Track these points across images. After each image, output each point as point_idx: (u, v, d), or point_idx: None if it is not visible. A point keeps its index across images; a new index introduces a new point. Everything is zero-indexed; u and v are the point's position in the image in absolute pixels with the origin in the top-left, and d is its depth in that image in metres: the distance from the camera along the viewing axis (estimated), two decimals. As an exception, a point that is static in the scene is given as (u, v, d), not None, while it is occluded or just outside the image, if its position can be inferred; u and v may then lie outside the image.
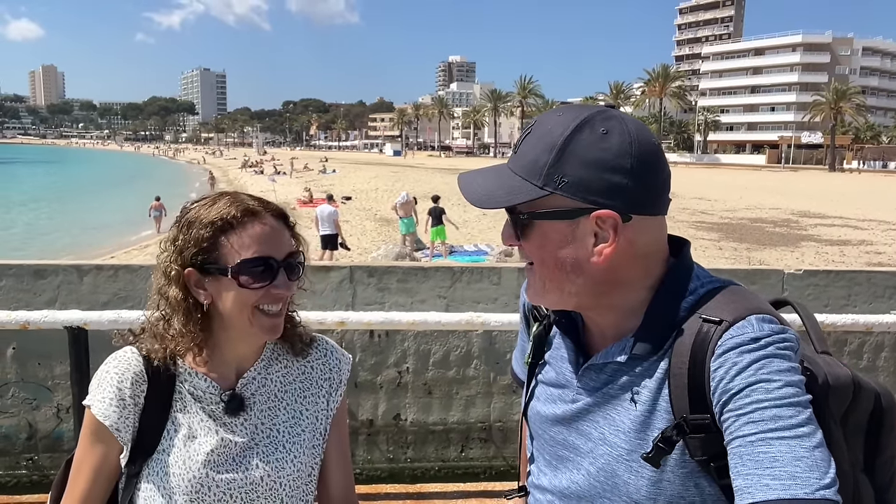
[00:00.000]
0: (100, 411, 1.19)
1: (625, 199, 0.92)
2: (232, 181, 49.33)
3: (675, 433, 0.91)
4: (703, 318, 0.93)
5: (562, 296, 1.00)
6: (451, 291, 4.45)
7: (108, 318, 1.83)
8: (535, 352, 1.16)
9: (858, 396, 0.96)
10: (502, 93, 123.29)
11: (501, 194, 0.96)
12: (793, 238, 19.96)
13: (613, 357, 1.00)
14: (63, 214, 30.53)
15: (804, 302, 5.26)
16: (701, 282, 1.00)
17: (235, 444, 1.23)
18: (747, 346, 0.88)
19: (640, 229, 0.95)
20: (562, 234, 0.95)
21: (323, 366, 1.37)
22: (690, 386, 0.91)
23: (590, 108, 0.96)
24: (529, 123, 1.01)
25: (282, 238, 1.21)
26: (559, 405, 1.08)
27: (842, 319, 2.23)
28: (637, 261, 0.97)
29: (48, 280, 4.03)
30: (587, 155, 0.92)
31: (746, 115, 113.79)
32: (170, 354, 1.21)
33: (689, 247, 1.05)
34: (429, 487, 2.29)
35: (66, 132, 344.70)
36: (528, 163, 0.95)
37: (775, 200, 33.01)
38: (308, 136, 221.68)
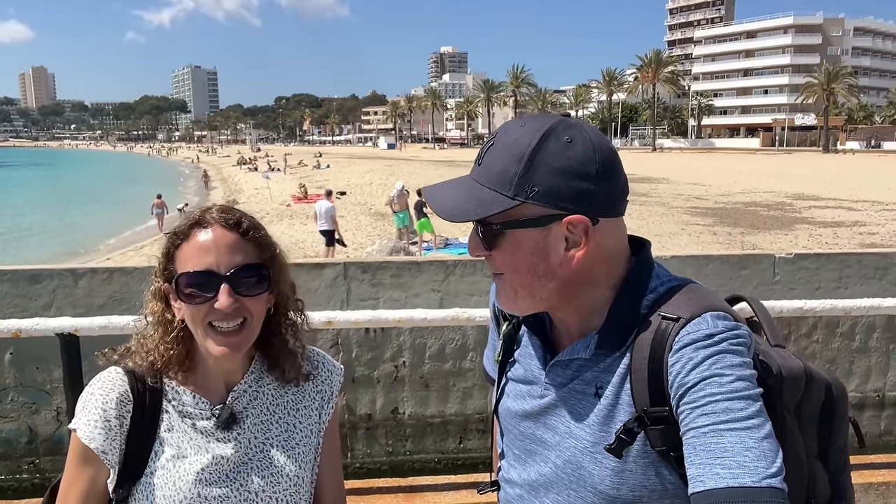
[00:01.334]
0: (85, 434, 1.15)
1: (592, 203, 0.96)
2: (226, 179, 49.21)
3: (637, 425, 0.95)
4: (662, 316, 0.97)
5: (534, 301, 1.03)
6: (444, 285, 4.48)
7: (99, 324, 1.85)
8: (504, 350, 1.19)
9: (810, 387, 1.01)
10: (495, 83, 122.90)
11: (471, 207, 0.98)
12: (787, 221, 20.02)
13: (578, 353, 1.04)
14: (58, 217, 30.43)
15: (796, 285, 5.28)
16: (661, 280, 1.04)
17: (228, 460, 1.20)
18: (702, 342, 0.92)
19: (606, 231, 0.99)
20: (534, 242, 0.98)
21: (315, 379, 1.33)
22: (650, 380, 0.95)
23: (550, 117, 1.00)
24: (491, 135, 1.03)
25: (231, 250, 1.14)
26: (528, 401, 1.12)
27: (821, 305, 2.27)
28: (603, 262, 1.01)
29: (43, 285, 4.05)
30: (555, 163, 0.95)
31: (740, 98, 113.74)
32: (152, 368, 1.19)
33: (650, 246, 1.09)
34: (421, 480, 2.32)
35: (59, 134, 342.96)
36: (495, 174, 0.97)
37: (769, 184, 33.07)
38: (301, 131, 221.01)
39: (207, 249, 1.14)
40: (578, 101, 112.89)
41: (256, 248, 1.18)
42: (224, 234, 1.15)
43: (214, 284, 1.13)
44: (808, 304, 2.20)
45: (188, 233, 1.16)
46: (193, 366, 1.21)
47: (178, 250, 1.16)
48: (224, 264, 1.14)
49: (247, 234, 1.17)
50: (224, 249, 1.14)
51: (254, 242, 1.18)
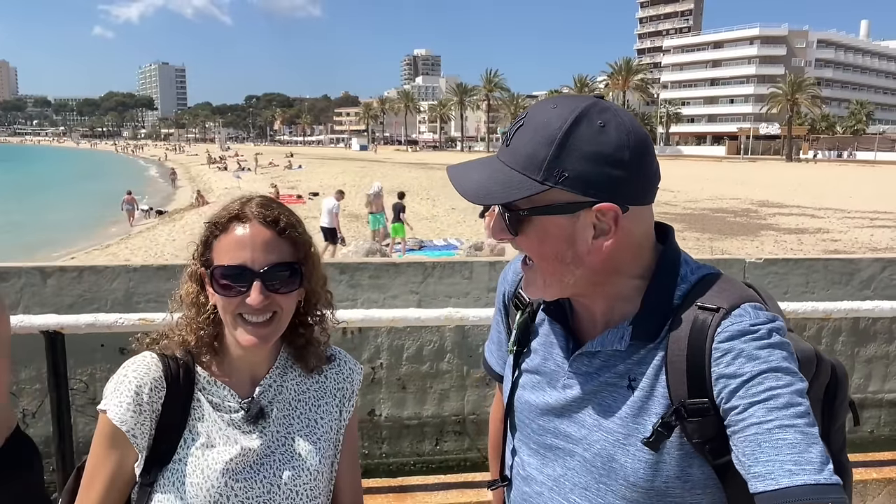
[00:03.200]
0: (116, 416, 1.15)
1: (624, 191, 0.93)
2: (194, 178, 48.42)
3: (674, 418, 0.94)
4: (700, 306, 0.96)
5: (562, 287, 1.01)
6: (423, 287, 4.48)
7: (86, 322, 1.80)
8: (520, 339, 1.16)
9: (819, 369, 1.02)
10: (468, 86, 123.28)
11: (497, 189, 0.95)
12: (753, 227, 20.47)
13: (611, 345, 1.01)
14: (20, 213, 29.57)
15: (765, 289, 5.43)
16: (690, 267, 1.03)
17: (253, 453, 1.22)
18: (750, 334, 0.91)
19: (635, 219, 0.97)
20: (562, 229, 0.95)
21: (336, 375, 1.35)
22: (689, 372, 0.94)
23: (583, 99, 0.96)
24: (521, 114, 0.99)
25: (266, 247, 1.16)
26: (549, 392, 1.09)
27: (803, 307, 2.33)
28: (632, 250, 0.99)
29: (10, 283, 3.94)
30: (587, 149, 0.92)
31: (706, 107, 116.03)
32: (184, 347, 1.21)
33: (674, 232, 1.07)
34: (410, 480, 2.31)
35: (20, 129, 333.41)
36: (524, 157, 0.94)
37: (735, 191, 33.78)
38: (272, 131, 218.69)
39: (243, 245, 1.15)
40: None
41: (291, 247, 1.20)
42: (261, 231, 1.16)
43: (247, 279, 1.15)
44: (789, 307, 2.25)
45: (227, 225, 1.17)
46: (222, 354, 1.24)
47: (215, 240, 1.18)
48: (258, 261, 1.15)
49: (283, 232, 1.19)
50: (259, 246, 1.16)
51: (289, 241, 1.19)
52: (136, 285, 4.11)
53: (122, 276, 4.11)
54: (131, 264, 4.34)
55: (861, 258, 5.49)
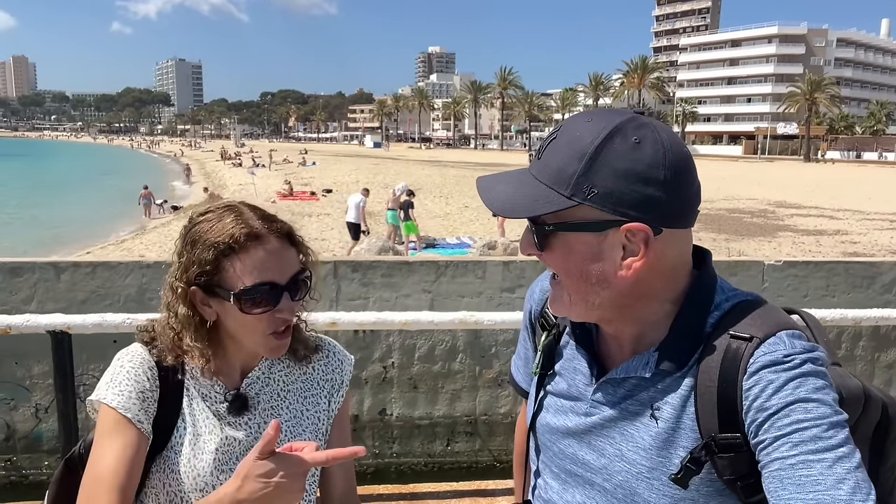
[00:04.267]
0: (121, 404, 1.15)
1: (657, 211, 0.89)
2: (209, 174, 48.73)
3: (704, 453, 0.89)
4: (732, 335, 0.90)
5: (587, 308, 0.97)
6: (435, 286, 4.44)
7: (93, 322, 1.79)
8: (544, 362, 1.12)
9: (868, 407, 0.96)
10: (482, 84, 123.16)
11: (525, 203, 0.91)
12: (770, 228, 20.24)
13: (636, 371, 0.97)
14: (38, 208, 29.93)
15: (784, 293, 5.30)
16: (726, 295, 0.98)
17: (239, 443, 1.23)
18: (781, 364, 0.86)
19: (669, 242, 0.92)
20: (588, 247, 0.91)
21: (324, 367, 1.36)
22: (720, 404, 0.89)
23: (621, 113, 0.92)
24: (555, 128, 0.96)
25: (286, 260, 1.18)
26: (571, 417, 1.05)
27: (831, 314, 2.26)
28: (664, 274, 0.94)
29: (24, 278, 3.94)
30: (619, 165, 0.87)
31: (723, 106, 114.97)
32: (178, 359, 1.22)
33: (711, 257, 1.02)
34: (421, 487, 2.28)
35: (39, 124, 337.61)
36: (554, 170, 0.91)
37: (752, 191, 33.45)
38: (287, 127, 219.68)
39: (269, 262, 1.16)
40: (565, 104, 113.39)
41: (300, 254, 1.23)
42: (278, 245, 1.18)
43: (276, 294, 1.16)
44: (819, 314, 2.19)
45: (245, 245, 1.15)
46: (217, 357, 1.24)
47: (228, 260, 1.15)
48: (283, 274, 1.17)
49: (294, 242, 1.22)
50: (282, 261, 1.18)
51: (298, 248, 1.23)
52: (150, 282, 4.10)
53: (135, 273, 4.10)
54: (144, 261, 4.34)
55: (883, 261, 5.38)
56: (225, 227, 1.16)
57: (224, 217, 1.18)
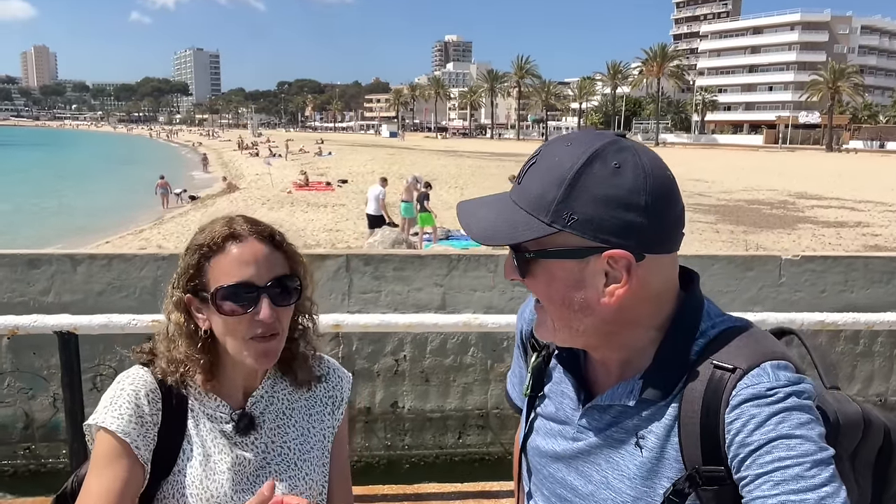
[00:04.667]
0: (119, 428, 1.13)
1: (638, 237, 0.87)
2: (227, 164, 49.03)
3: (688, 485, 0.88)
4: (715, 365, 0.89)
5: (571, 334, 0.95)
6: (447, 279, 4.44)
7: (99, 323, 1.81)
8: (533, 384, 1.11)
9: (868, 433, 0.94)
10: (499, 73, 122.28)
11: (505, 229, 0.90)
12: (789, 220, 19.96)
13: (620, 399, 0.95)
14: (59, 198, 30.34)
15: (801, 288, 5.21)
16: (713, 321, 0.95)
17: (249, 463, 1.22)
18: (764, 397, 0.84)
19: (653, 268, 0.90)
20: (570, 274, 0.90)
21: (326, 385, 1.36)
22: (703, 436, 0.87)
23: (601, 136, 0.91)
24: (535, 151, 0.94)
25: (267, 262, 1.16)
26: (559, 441, 1.04)
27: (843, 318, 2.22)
28: (648, 301, 0.93)
29: (42, 270, 4.00)
30: (599, 191, 0.86)
31: (744, 94, 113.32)
32: (180, 378, 1.20)
33: (699, 280, 0.99)
34: (426, 488, 2.28)
35: (59, 114, 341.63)
36: (534, 197, 0.89)
37: (772, 181, 32.98)
38: (303, 117, 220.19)
39: (245, 262, 1.15)
40: (582, 93, 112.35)
41: (288, 260, 1.21)
42: (259, 247, 1.17)
43: (253, 296, 1.14)
44: (829, 318, 2.14)
45: (222, 245, 1.15)
46: (216, 372, 1.22)
47: (208, 263, 1.16)
48: (262, 276, 1.15)
49: (279, 246, 1.20)
50: (262, 262, 1.16)
51: (285, 253, 1.21)
52: (164, 274, 4.14)
53: (150, 265, 4.15)
54: (160, 253, 4.38)
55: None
56: (209, 232, 1.17)
57: (215, 224, 1.19)
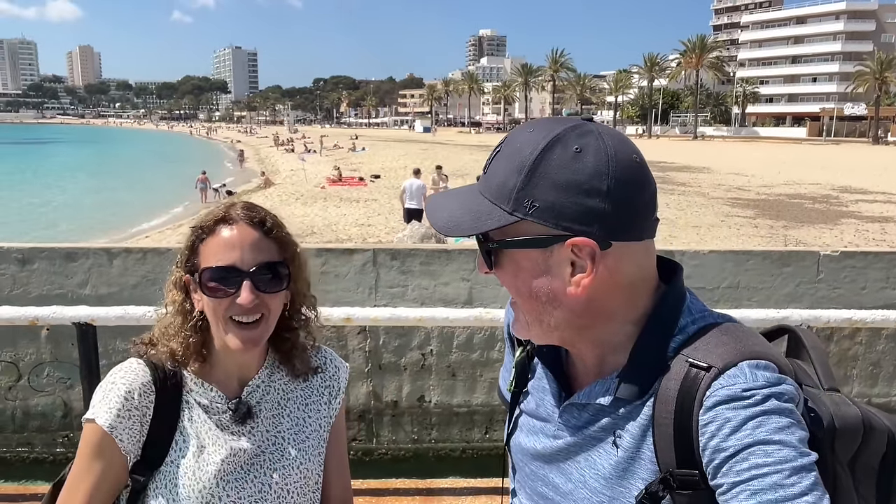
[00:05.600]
0: (106, 422, 1.15)
1: (602, 224, 0.84)
2: (263, 160, 49.80)
3: (662, 488, 0.84)
4: (691, 363, 0.85)
5: (543, 330, 0.93)
6: (474, 274, 4.42)
7: (116, 314, 1.86)
8: (517, 380, 1.09)
9: (869, 438, 0.89)
10: (533, 67, 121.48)
11: (468, 220, 0.88)
12: (832, 215, 19.38)
13: (596, 398, 0.93)
14: (107, 193, 31.29)
15: (840, 285, 5.05)
16: (693, 317, 0.91)
17: (244, 453, 1.23)
18: (740, 399, 0.79)
19: (621, 257, 0.86)
20: (535, 264, 0.87)
21: (323, 375, 1.37)
22: (676, 438, 0.84)
23: (564, 122, 0.88)
24: (500, 140, 0.92)
25: (254, 247, 1.17)
26: (541, 439, 1.02)
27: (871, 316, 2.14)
28: (620, 291, 0.89)
29: (79, 263, 4.12)
30: (558, 177, 0.83)
31: (787, 86, 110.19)
32: (172, 357, 1.21)
33: (682, 273, 0.95)
34: (439, 483, 2.28)
35: (104, 112, 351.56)
36: (496, 185, 0.87)
37: (815, 175, 32.06)
38: (338, 113, 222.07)
39: (232, 245, 1.16)
40: (618, 86, 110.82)
41: (278, 247, 1.21)
42: (248, 232, 1.18)
43: (237, 280, 1.15)
44: (857, 315, 2.07)
45: (213, 228, 1.18)
46: (210, 358, 1.24)
47: (202, 244, 1.19)
48: (247, 261, 1.16)
49: (270, 232, 1.20)
50: (248, 246, 1.17)
51: (276, 241, 1.21)
52: (196, 267, 4.25)
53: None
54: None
55: (951, 252, 5.08)
56: (208, 214, 1.20)
57: (216, 208, 1.22)
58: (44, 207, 26.11)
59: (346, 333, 4.27)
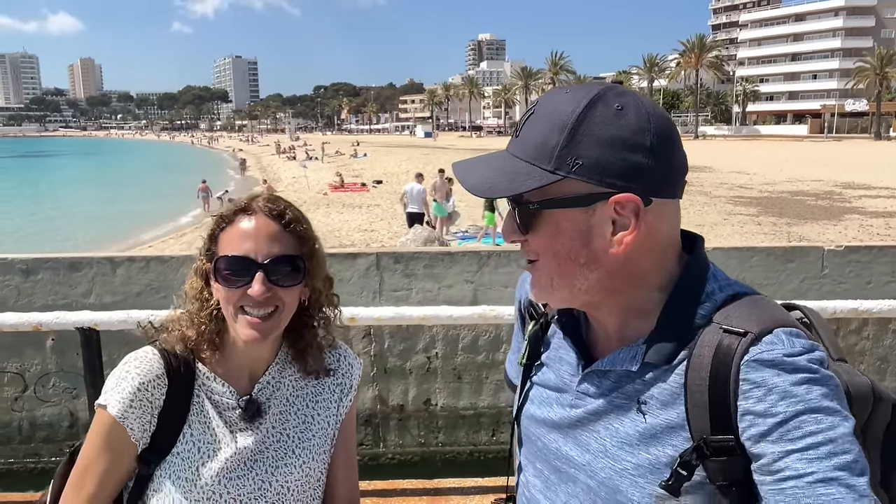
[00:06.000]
0: (117, 410, 1.16)
1: (645, 180, 0.83)
2: (265, 168, 49.90)
3: (695, 456, 0.83)
4: (725, 329, 0.84)
5: (572, 292, 0.91)
6: (478, 276, 4.41)
7: (119, 319, 1.86)
8: (530, 353, 1.07)
9: (877, 408, 0.89)
10: (533, 70, 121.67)
11: (504, 181, 0.86)
12: (835, 211, 19.32)
13: (622, 364, 0.91)
14: (110, 205, 31.42)
15: (845, 280, 5.04)
16: (719, 284, 0.91)
17: (247, 449, 1.22)
18: (783, 365, 0.79)
19: (659, 215, 0.86)
20: (576, 224, 0.86)
21: (336, 371, 1.35)
22: (712, 404, 0.82)
23: (598, 84, 0.88)
24: (531, 104, 0.90)
25: (270, 239, 1.16)
26: (556, 409, 0.99)
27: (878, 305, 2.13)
28: (654, 253, 0.89)
29: (83, 273, 4.12)
30: (603, 133, 0.82)
31: (787, 83, 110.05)
32: (184, 343, 1.21)
33: (703, 243, 0.95)
34: (446, 483, 2.27)
35: (105, 123, 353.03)
36: (535, 146, 0.85)
37: (817, 172, 31.99)
38: (339, 120, 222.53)
39: (248, 236, 1.17)
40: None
41: (296, 241, 1.21)
42: (266, 223, 1.18)
43: (250, 271, 1.15)
44: (863, 305, 2.06)
45: (233, 218, 1.19)
46: (223, 349, 1.23)
47: (221, 233, 1.19)
48: (262, 252, 1.16)
49: (288, 225, 1.20)
50: (264, 238, 1.16)
51: (294, 234, 1.20)
52: (200, 274, 4.25)
53: (186, 265, 4.23)
54: (195, 254, 4.48)
55: (956, 245, 5.05)
56: (232, 203, 1.21)
57: (240, 199, 1.22)
58: (61, 220, 26.38)
59: (351, 337, 4.27)
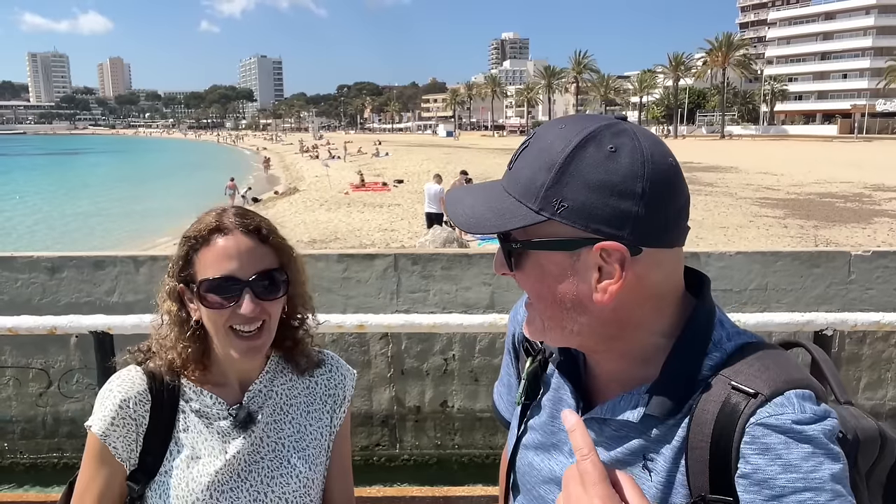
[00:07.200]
0: (100, 430, 1.16)
1: (634, 228, 0.79)
2: (288, 166, 50.35)
3: None
4: (734, 386, 0.80)
5: (563, 334, 0.87)
6: (496, 278, 4.40)
7: (132, 323, 1.88)
8: (528, 392, 1.02)
9: (884, 450, 0.86)
10: (556, 69, 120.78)
11: (491, 217, 0.83)
12: (865, 214, 18.91)
13: (621, 413, 0.87)
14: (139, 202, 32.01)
15: (873, 285, 4.93)
16: (727, 332, 0.87)
17: (241, 460, 1.21)
18: (790, 433, 0.75)
19: (651, 264, 0.82)
20: (560, 267, 0.82)
21: (327, 381, 1.34)
22: (713, 463, 0.79)
23: (598, 119, 0.83)
24: (528, 136, 0.87)
25: (251, 255, 1.15)
26: (554, 458, 0.95)
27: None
28: (648, 301, 0.84)
29: (107, 271, 4.19)
30: (591, 176, 0.78)
31: (816, 83, 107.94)
32: (170, 368, 1.20)
33: (710, 285, 0.90)
34: (455, 491, 2.26)
35: (133, 122, 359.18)
36: (523, 183, 0.82)
37: (847, 174, 31.33)
38: (362, 119, 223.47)
39: (229, 255, 1.15)
40: (643, 86, 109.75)
41: (275, 253, 1.20)
42: (244, 240, 1.16)
43: (237, 290, 1.14)
44: (885, 318, 2.00)
45: (208, 238, 1.16)
46: (210, 364, 1.23)
47: (196, 254, 1.17)
48: (246, 270, 1.15)
49: (266, 239, 1.18)
50: (245, 255, 1.16)
51: (272, 247, 1.19)
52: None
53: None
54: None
55: None
56: (198, 224, 1.18)
57: (207, 215, 1.19)
58: (96, 217, 27.06)
59: (369, 339, 4.29)
